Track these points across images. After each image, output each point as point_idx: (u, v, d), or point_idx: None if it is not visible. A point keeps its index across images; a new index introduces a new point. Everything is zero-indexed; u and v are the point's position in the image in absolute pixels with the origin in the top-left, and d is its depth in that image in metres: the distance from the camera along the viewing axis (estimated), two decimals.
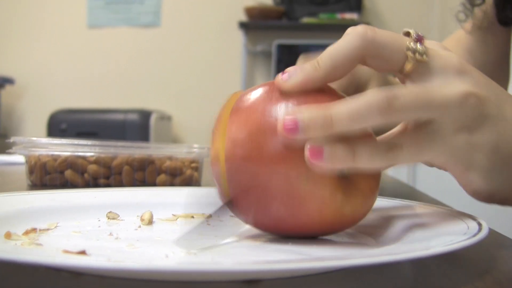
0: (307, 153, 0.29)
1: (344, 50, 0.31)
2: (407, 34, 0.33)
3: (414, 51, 0.31)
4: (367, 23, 3.11)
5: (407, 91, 0.30)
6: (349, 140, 0.29)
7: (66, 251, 0.27)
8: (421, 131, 0.31)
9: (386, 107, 0.29)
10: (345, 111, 0.29)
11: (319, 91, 0.32)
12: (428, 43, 0.33)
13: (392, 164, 0.31)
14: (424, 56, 0.31)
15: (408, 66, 0.32)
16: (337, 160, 0.29)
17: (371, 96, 0.29)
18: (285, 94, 0.31)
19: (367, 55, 0.31)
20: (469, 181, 0.32)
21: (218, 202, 0.33)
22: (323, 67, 0.31)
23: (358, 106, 0.29)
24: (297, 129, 0.29)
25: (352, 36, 0.31)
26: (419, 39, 0.32)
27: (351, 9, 2.88)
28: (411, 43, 0.31)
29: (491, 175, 0.32)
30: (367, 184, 0.32)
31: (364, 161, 0.29)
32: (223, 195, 0.33)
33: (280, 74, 0.32)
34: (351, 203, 0.31)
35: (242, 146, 0.31)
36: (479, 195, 0.33)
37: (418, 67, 0.32)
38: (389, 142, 0.30)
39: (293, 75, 0.31)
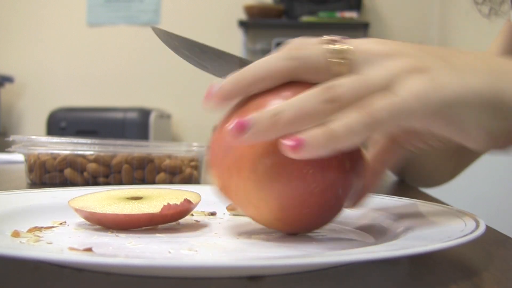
0: (286, 147, 0.27)
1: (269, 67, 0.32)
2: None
3: (333, 52, 0.31)
4: (367, 22, 3.05)
5: (345, 79, 0.29)
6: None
7: (73, 249, 0.28)
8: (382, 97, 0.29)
9: (328, 97, 0.28)
10: (292, 110, 0.28)
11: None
12: (351, 41, 0.32)
13: (372, 128, 0.28)
14: (346, 54, 0.31)
15: (335, 69, 0.31)
16: (318, 143, 0.27)
17: (311, 92, 0.29)
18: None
19: (295, 72, 0.31)
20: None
21: None
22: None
23: (301, 104, 0.29)
24: (246, 127, 0.28)
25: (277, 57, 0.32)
26: (333, 41, 0.32)
27: (350, 7, 2.88)
28: (328, 46, 0.31)
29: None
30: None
31: (343, 133, 0.28)
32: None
33: None
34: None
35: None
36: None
37: (348, 67, 0.31)
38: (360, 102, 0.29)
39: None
